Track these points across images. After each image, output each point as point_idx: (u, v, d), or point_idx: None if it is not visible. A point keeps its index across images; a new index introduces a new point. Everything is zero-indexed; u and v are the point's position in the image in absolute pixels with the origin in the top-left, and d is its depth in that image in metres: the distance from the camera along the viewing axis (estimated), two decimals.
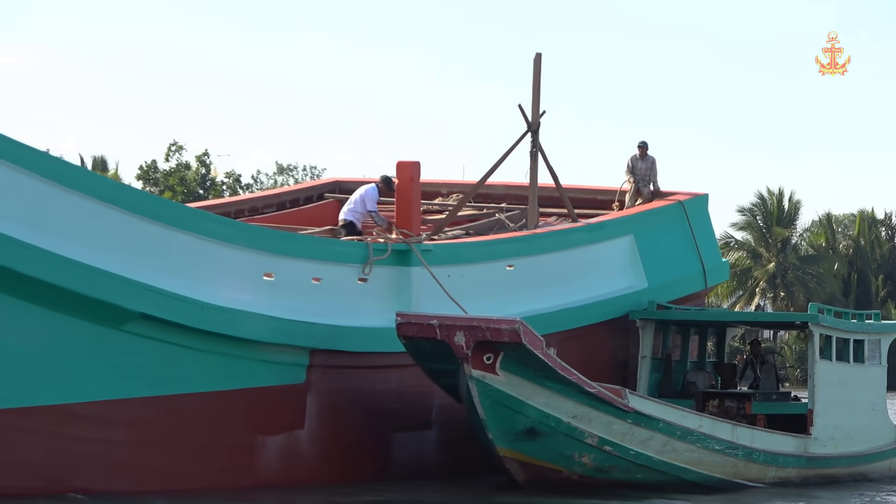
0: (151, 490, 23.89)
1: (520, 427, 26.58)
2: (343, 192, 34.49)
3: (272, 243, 26.30)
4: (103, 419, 23.59)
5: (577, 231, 31.75)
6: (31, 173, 22.52)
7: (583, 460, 27.37)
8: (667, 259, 32.85)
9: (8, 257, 21.91)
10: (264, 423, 26.02)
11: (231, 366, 25.24)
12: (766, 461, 30.01)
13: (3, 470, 22.34)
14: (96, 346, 23.38)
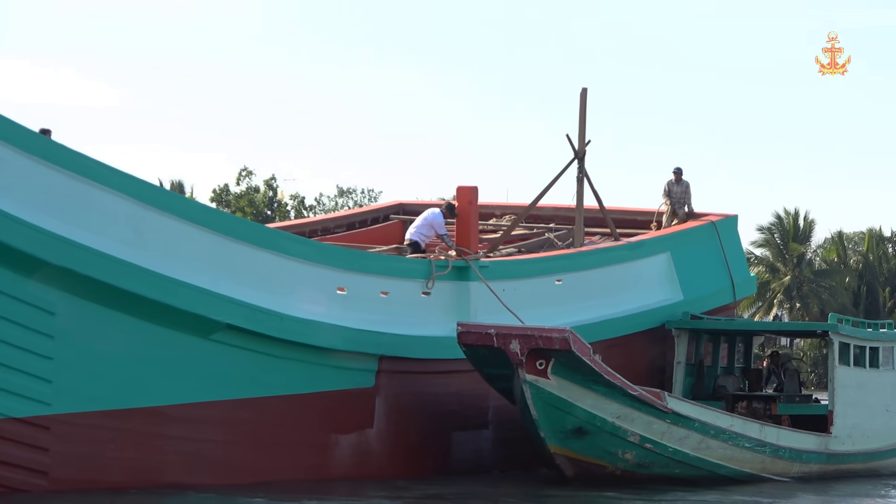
0: (235, 484, 23.92)
1: (569, 426, 26.60)
2: (406, 213, 34.52)
3: (344, 260, 26.37)
4: (193, 420, 23.61)
5: (619, 249, 31.70)
6: (133, 199, 22.66)
7: (626, 457, 27.38)
8: (700, 274, 32.72)
9: (110, 274, 22.01)
10: (338, 423, 26.08)
11: (308, 371, 25.25)
12: (791, 457, 30.00)
13: (103, 466, 22.47)
14: (187, 353, 23.42)
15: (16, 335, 21.32)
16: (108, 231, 22.17)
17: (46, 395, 21.66)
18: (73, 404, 22.00)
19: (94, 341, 22.20)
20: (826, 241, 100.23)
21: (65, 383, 21.84)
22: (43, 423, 21.67)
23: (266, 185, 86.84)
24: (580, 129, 31.77)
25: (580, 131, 31.77)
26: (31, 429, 21.59)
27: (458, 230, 29.06)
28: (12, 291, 21.19)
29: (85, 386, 22.12)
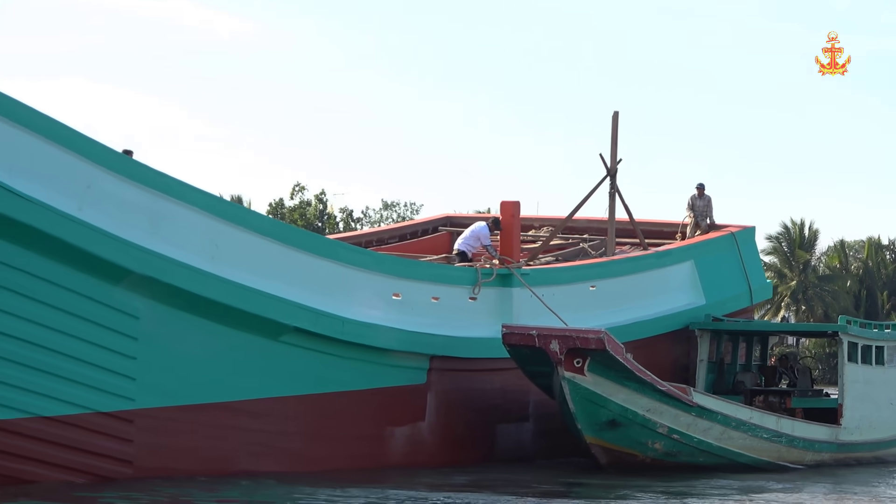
0: (301, 471, 23.95)
1: (603, 419, 26.66)
2: (453, 225, 34.56)
3: (399, 269, 26.44)
4: (263, 413, 23.67)
5: (647, 258, 31.70)
6: (210, 214, 22.76)
7: (655, 446, 27.45)
8: (721, 280, 32.65)
9: (189, 282, 22.10)
10: (393, 417, 26.14)
11: (366, 369, 25.31)
12: (805, 447, 29.99)
13: (182, 455, 22.55)
14: (257, 353, 23.47)
15: (104, 337, 21.36)
16: (187, 243, 22.22)
17: (131, 391, 21.73)
18: (155, 399, 22.07)
19: (173, 343, 22.26)
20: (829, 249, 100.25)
21: (147, 380, 21.90)
22: (128, 416, 21.74)
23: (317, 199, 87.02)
24: (612, 149, 31.84)
25: (612, 151, 31.84)
26: (118, 422, 21.65)
27: (501, 241, 29.26)
28: (101, 298, 21.24)
29: (165, 383, 22.17)
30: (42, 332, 20.69)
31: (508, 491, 23.22)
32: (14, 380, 20.45)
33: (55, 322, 20.81)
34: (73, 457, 21.22)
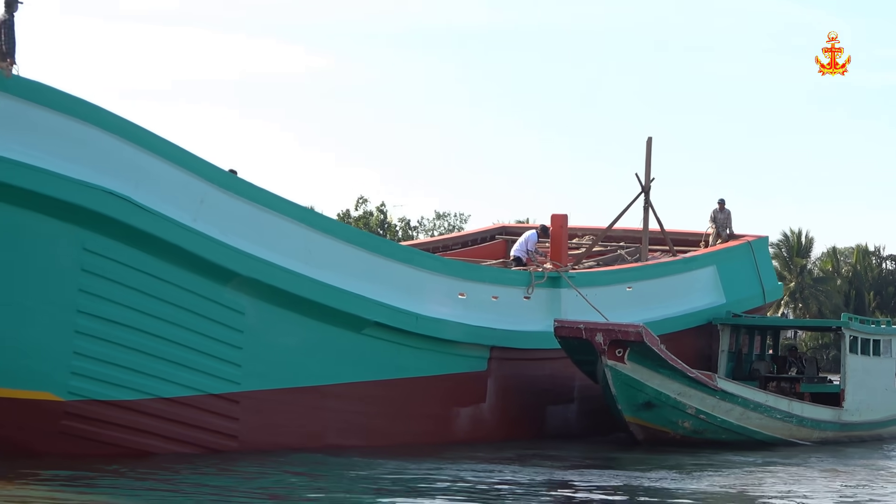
0: (378, 445, 23.92)
1: (640, 401, 26.66)
2: (508, 234, 34.35)
3: (464, 272, 26.46)
4: (348, 396, 23.69)
5: (676, 263, 31.52)
6: (304, 224, 22.82)
7: (684, 425, 27.40)
8: (738, 282, 32.38)
9: (287, 283, 22.15)
10: (458, 399, 26.14)
11: (436, 358, 25.28)
12: (812, 426, 29.88)
13: (279, 431, 22.61)
14: (343, 344, 23.46)
15: (215, 330, 21.44)
16: (285, 249, 22.27)
17: (237, 376, 21.79)
18: (257, 383, 22.11)
19: (273, 334, 22.29)
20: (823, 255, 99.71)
21: (251, 367, 21.94)
22: (234, 398, 21.82)
23: (378, 210, 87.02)
24: (646, 169, 31.64)
25: (646, 171, 31.64)
26: (226, 402, 21.75)
27: (551, 248, 29.31)
28: (212, 296, 21.33)
29: (266, 369, 22.21)
30: (162, 325, 20.79)
31: (555, 464, 23.08)
32: (139, 366, 20.57)
33: (174, 317, 20.91)
34: (187, 432, 21.32)
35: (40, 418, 19.72)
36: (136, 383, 20.55)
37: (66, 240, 19.62)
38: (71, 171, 19.45)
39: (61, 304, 19.67)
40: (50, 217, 19.38)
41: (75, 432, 20.04)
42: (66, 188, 19.36)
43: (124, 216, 19.96)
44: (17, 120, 19.12)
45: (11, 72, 19.11)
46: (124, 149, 20.15)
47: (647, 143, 31.67)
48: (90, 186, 19.59)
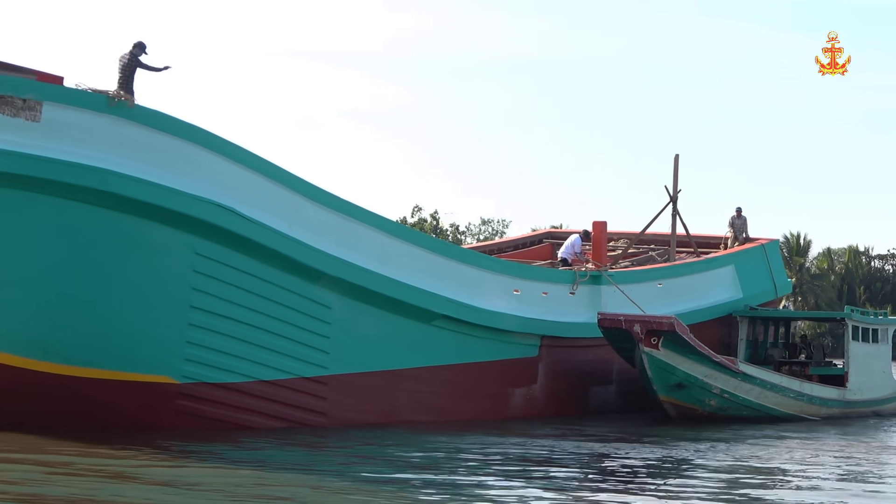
0: (446, 420, 23.89)
1: (672, 382, 26.58)
2: (554, 238, 34.30)
3: (518, 271, 26.39)
4: (418, 379, 23.66)
5: (699, 263, 31.33)
6: (381, 231, 22.80)
7: (710, 403, 27.30)
8: (754, 279, 32.19)
9: (367, 281, 22.13)
10: (513, 380, 26.09)
11: (494, 346, 25.22)
12: (820, 403, 29.73)
13: (361, 409, 22.58)
14: (415, 334, 23.43)
15: (307, 322, 21.45)
16: (365, 252, 22.26)
17: (325, 361, 21.78)
18: (343, 368, 22.10)
19: (355, 326, 22.28)
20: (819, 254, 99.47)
21: (337, 354, 21.94)
22: (323, 380, 21.82)
23: (431, 217, 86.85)
24: (674, 182, 31.50)
25: (674, 183, 31.50)
26: (316, 384, 21.75)
27: (593, 250, 29.16)
28: (304, 293, 21.34)
29: (350, 355, 22.20)
30: (262, 318, 20.77)
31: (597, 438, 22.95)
32: (242, 353, 20.59)
33: (271, 311, 20.89)
34: (283, 410, 21.34)
35: (159, 398, 19.83)
36: (240, 368, 20.58)
37: (181, 245, 19.66)
38: (185, 187, 19.50)
39: (177, 301, 19.74)
40: (167, 226, 19.44)
41: (188, 410, 20.13)
42: (181, 201, 19.43)
43: (230, 225, 19.99)
44: (140, 143, 19.22)
45: (134, 102, 19.21)
46: (229, 167, 20.19)
47: (674, 159, 31.51)
48: (201, 200, 19.64)
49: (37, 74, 18.73)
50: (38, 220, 18.54)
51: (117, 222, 19.01)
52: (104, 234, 18.99)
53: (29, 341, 18.79)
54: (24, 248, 18.54)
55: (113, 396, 19.46)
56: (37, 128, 18.41)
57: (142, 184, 19.04)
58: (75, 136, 18.68)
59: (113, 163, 18.89)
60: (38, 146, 18.39)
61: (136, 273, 19.32)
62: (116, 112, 19.03)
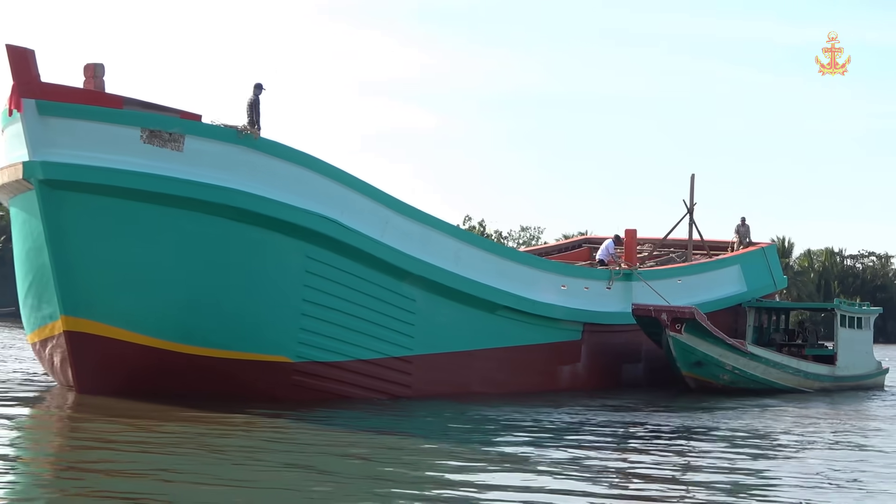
0: (506, 392, 23.74)
1: (693, 360, 26.39)
2: (590, 243, 34.02)
3: (565, 270, 26.31)
4: (485, 358, 23.61)
5: (711, 263, 30.98)
6: (454, 237, 22.82)
7: (724, 377, 27.03)
8: (756, 276, 31.80)
9: (444, 279, 22.12)
10: (561, 359, 25.98)
11: (546, 331, 25.13)
12: (814, 378, 29.34)
13: (440, 382, 22.48)
14: (481, 322, 23.39)
15: (396, 312, 21.46)
16: (442, 255, 22.23)
17: (411, 344, 21.79)
18: (425, 349, 22.10)
19: (435, 315, 22.25)
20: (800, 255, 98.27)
21: (420, 338, 21.95)
22: (409, 359, 21.82)
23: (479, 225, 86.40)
24: (690, 197, 31.04)
25: (690, 197, 31.04)
26: (404, 363, 21.76)
27: (625, 253, 28.94)
28: (395, 289, 21.34)
29: (430, 339, 22.19)
30: (360, 309, 20.80)
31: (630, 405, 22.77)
32: (345, 338, 20.62)
33: (367, 303, 20.93)
34: (377, 384, 21.36)
35: (278, 374, 19.89)
36: (343, 350, 20.61)
37: (295, 250, 19.72)
38: (298, 203, 19.58)
39: (292, 295, 19.80)
40: (284, 235, 19.50)
41: (301, 384, 20.17)
42: (296, 214, 19.50)
43: (335, 234, 20.03)
44: (263, 167, 19.31)
45: (259, 135, 19.29)
46: (333, 186, 20.23)
47: (691, 178, 31.25)
48: (311, 213, 19.71)
49: (180, 113, 18.89)
50: (183, 231, 18.68)
51: (245, 232, 19.11)
52: (235, 241, 19.09)
53: (176, 329, 18.93)
54: (173, 253, 18.68)
55: (241, 372, 19.57)
56: (180, 156, 18.54)
57: (264, 201, 19.13)
58: (211, 162, 18.80)
59: (241, 184, 19.00)
60: (182, 171, 18.54)
61: (259, 273, 19.41)
62: (244, 143, 19.14)
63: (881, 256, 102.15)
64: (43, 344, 19.90)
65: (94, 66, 18.96)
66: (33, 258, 19.19)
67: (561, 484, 12.08)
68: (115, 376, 18.82)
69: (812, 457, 15.41)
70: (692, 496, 11.95)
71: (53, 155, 18.01)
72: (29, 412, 17.17)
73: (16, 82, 17.81)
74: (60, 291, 18.48)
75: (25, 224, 19.33)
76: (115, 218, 18.34)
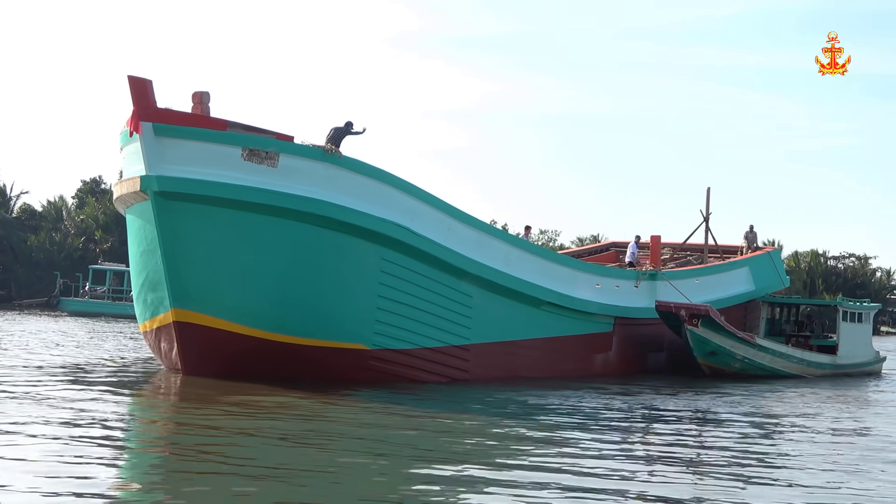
0: (547, 376, 23.64)
1: (708, 350, 26.26)
2: (616, 247, 33.90)
3: (599, 270, 26.21)
4: (531, 347, 23.61)
5: (724, 265, 30.76)
6: (505, 241, 22.82)
7: (735, 365, 26.87)
8: (763, 276, 31.57)
9: (497, 278, 22.12)
10: (595, 348, 25.90)
11: (583, 324, 25.08)
12: (817, 367, 29.10)
13: (492, 367, 22.41)
14: (528, 315, 23.35)
15: (456, 307, 21.50)
16: (495, 257, 22.20)
17: (468, 334, 21.82)
18: (480, 339, 22.12)
19: (488, 309, 22.26)
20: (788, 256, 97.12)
21: (476, 329, 21.96)
22: (467, 348, 21.85)
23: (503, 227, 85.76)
24: (706, 206, 30.88)
25: (706, 207, 30.90)
26: (462, 350, 21.80)
27: (651, 256, 28.75)
28: (454, 287, 21.38)
29: (484, 330, 22.19)
30: (426, 304, 20.86)
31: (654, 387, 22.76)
32: (414, 329, 20.70)
33: (432, 299, 20.98)
34: (440, 369, 21.41)
35: (356, 360, 20.00)
36: (412, 339, 20.68)
37: (372, 253, 19.83)
38: (375, 212, 19.68)
39: (369, 291, 19.90)
40: (363, 239, 19.62)
41: (376, 369, 20.26)
42: (373, 222, 19.61)
43: (405, 239, 20.11)
44: (345, 182, 19.42)
45: (341, 154, 19.42)
46: (404, 198, 20.30)
47: (706, 190, 31.05)
48: (386, 221, 19.80)
49: (275, 135, 19.04)
50: (277, 236, 18.85)
51: (330, 237, 19.25)
52: (321, 245, 19.22)
53: (270, 320, 19.09)
54: (268, 255, 18.85)
55: (325, 358, 19.68)
56: (275, 172, 18.70)
57: (347, 210, 19.27)
58: (301, 177, 18.95)
59: (327, 196, 19.13)
60: (277, 184, 18.70)
61: (342, 272, 19.53)
62: (329, 160, 19.26)
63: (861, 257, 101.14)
64: (155, 332, 20.14)
65: (200, 94, 19.17)
66: (147, 259, 19.43)
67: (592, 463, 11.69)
68: (216, 360, 19.04)
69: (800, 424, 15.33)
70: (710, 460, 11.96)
71: (167, 170, 18.24)
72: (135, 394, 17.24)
73: (136, 108, 18.06)
74: (171, 287, 18.70)
75: (140, 230, 19.57)
76: (219, 224, 18.57)
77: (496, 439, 13.27)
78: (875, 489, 11.17)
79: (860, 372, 31.07)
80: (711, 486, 10.77)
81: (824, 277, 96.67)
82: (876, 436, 15.57)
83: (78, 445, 11.36)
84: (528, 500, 9.66)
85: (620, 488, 10.40)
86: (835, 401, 21.56)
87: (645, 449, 13.16)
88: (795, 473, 11.88)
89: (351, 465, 11.03)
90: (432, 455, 11.93)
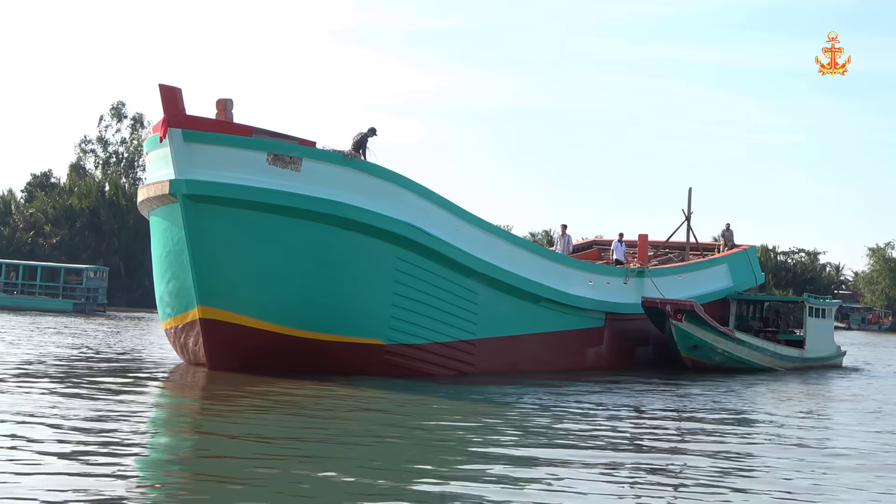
0: (545, 370, 23.81)
1: (690, 344, 26.74)
2: (599, 245, 34.05)
3: (591, 268, 26.58)
4: (531, 341, 23.85)
5: (704, 262, 31.23)
6: (507, 241, 23.07)
7: (715, 358, 27.39)
8: (740, 273, 32.04)
9: (501, 276, 22.34)
10: (588, 342, 26.20)
11: (577, 319, 25.38)
12: (786, 360, 29.69)
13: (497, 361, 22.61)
14: (528, 311, 23.60)
15: (464, 304, 21.76)
16: (499, 256, 22.49)
17: (475, 329, 22.06)
18: (485, 334, 22.36)
19: (493, 306, 22.50)
20: None
21: (482, 324, 22.21)
22: (473, 342, 22.09)
23: None
24: (688, 206, 31.26)
25: (688, 206, 31.28)
26: (469, 345, 22.03)
27: (639, 254, 29.18)
28: (462, 284, 21.64)
29: (490, 325, 22.43)
30: (437, 301, 21.10)
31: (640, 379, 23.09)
32: (426, 324, 20.94)
33: (442, 296, 21.22)
34: (449, 362, 21.63)
35: (372, 354, 20.19)
36: (424, 334, 20.90)
37: (388, 252, 20.06)
38: (391, 213, 19.95)
39: (385, 289, 20.13)
40: (380, 239, 19.87)
41: (391, 363, 20.46)
42: (389, 223, 19.89)
43: (419, 239, 20.37)
44: (364, 185, 19.69)
45: (361, 159, 19.63)
46: (418, 200, 20.58)
47: (688, 190, 31.55)
48: (401, 222, 20.06)
49: (298, 140, 19.23)
50: (299, 236, 19.07)
51: (349, 237, 19.50)
52: (341, 245, 19.48)
53: (291, 316, 19.31)
54: (291, 254, 19.07)
55: (343, 352, 19.90)
56: (298, 175, 18.90)
57: (365, 212, 19.53)
58: (322, 180, 19.17)
59: (347, 198, 19.39)
60: (300, 187, 18.90)
61: (360, 271, 19.78)
62: (349, 165, 19.50)
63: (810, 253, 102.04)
64: (180, 329, 20.20)
65: (224, 101, 19.31)
66: (172, 259, 19.52)
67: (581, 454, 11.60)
68: (240, 355, 19.21)
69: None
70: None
71: (195, 174, 18.38)
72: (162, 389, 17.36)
73: (166, 114, 18.15)
74: (198, 285, 18.82)
75: (166, 231, 19.65)
76: (244, 225, 18.76)
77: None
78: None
79: (824, 365, 31.82)
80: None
81: (774, 272, 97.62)
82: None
83: (106, 442, 10.91)
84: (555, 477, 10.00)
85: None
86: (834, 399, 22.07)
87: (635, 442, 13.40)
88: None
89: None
90: (471, 448, 12.17)
